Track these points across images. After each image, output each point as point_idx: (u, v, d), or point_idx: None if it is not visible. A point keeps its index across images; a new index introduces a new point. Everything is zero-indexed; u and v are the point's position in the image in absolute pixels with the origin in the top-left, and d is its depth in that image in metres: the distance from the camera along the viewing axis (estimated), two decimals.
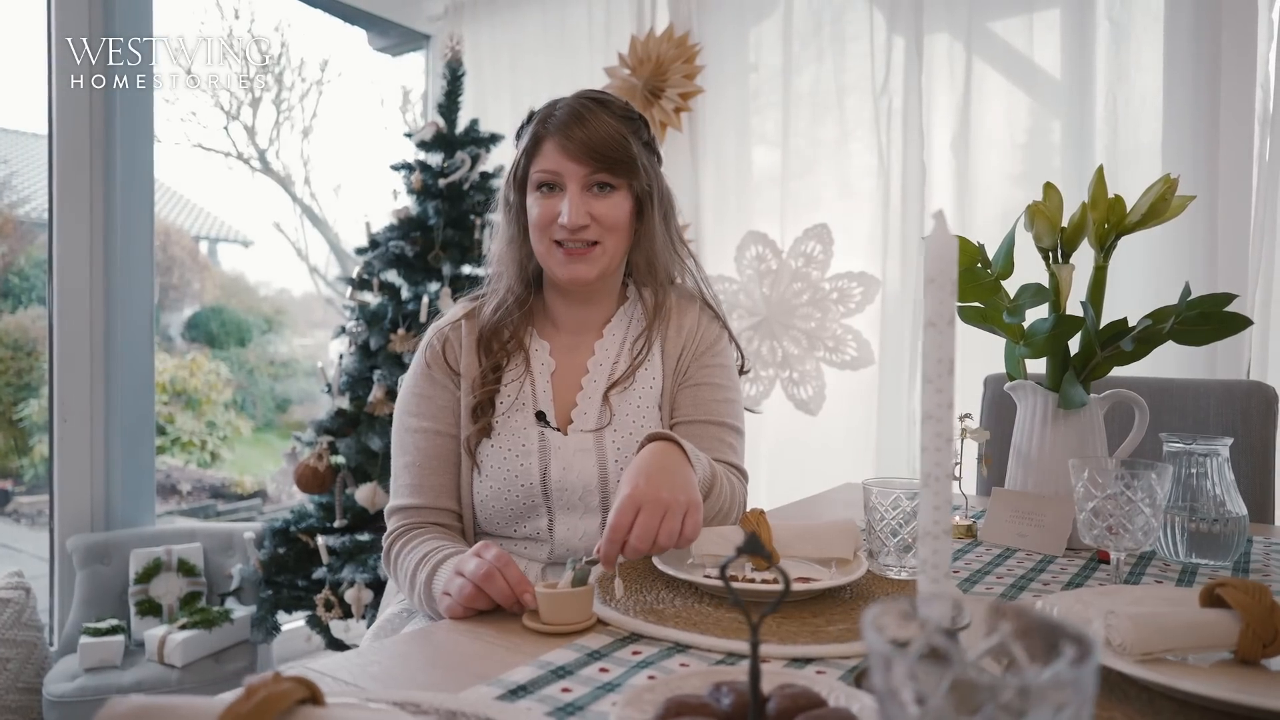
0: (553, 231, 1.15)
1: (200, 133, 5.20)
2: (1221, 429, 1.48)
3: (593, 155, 1.12)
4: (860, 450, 2.47)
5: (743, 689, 0.61)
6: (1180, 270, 2.00)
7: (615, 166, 1.14)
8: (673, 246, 1.26)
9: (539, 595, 0.85)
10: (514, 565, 0.89)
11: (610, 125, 1.14)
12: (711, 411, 1.21)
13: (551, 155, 1.14)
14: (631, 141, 1.16)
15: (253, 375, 6.33)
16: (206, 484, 5.71)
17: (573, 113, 1.14)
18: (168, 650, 2.23)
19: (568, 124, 1.13)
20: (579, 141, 1.12)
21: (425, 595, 1.02)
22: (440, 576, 1.00)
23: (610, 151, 1.13)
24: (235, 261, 7.53)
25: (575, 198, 1.13)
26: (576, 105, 1.15)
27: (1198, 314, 1.06)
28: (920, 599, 0.44)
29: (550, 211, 1.14)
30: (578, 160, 1.13)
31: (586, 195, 1.14)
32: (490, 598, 0.88)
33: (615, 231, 1.17)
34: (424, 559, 1.05)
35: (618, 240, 1.18)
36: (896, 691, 0.40)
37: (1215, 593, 0.74)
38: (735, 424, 1.22)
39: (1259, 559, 1.15)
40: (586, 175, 1.14)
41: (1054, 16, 2.25)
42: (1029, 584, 1.02)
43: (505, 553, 0.90)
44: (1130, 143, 2.10)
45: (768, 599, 0.92)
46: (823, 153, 2.59)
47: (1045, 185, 1.15)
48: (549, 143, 1.14)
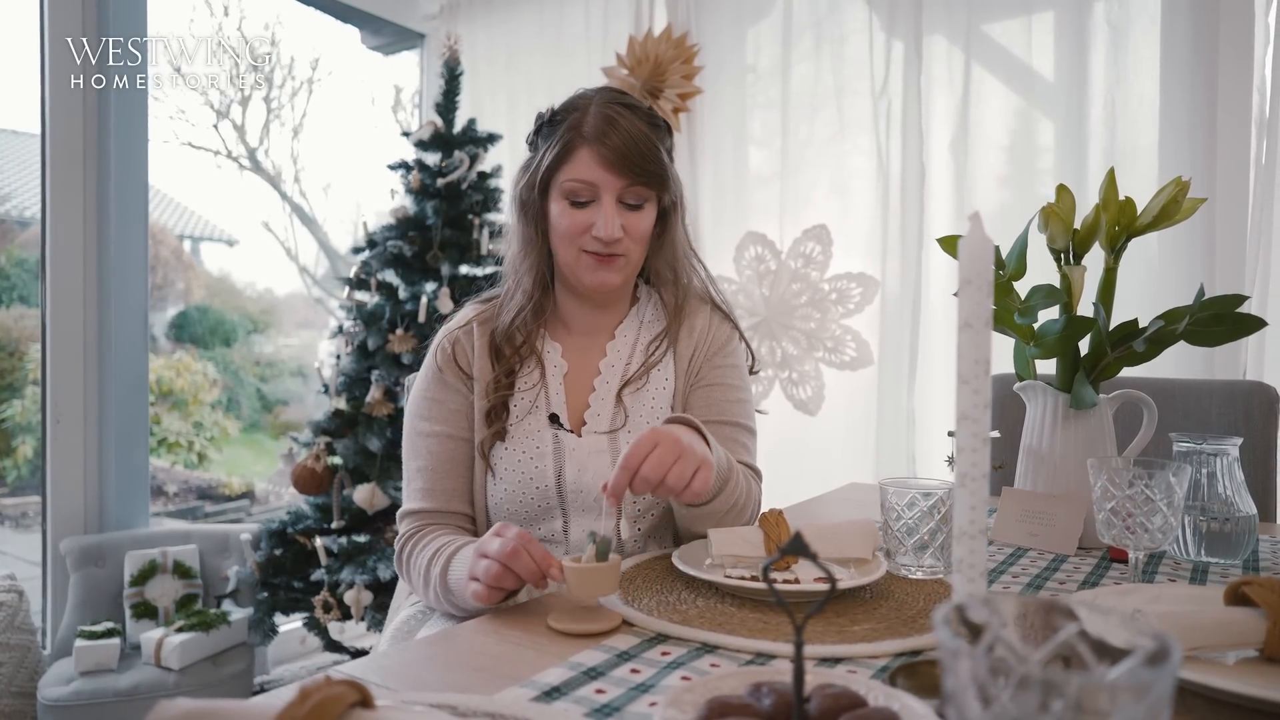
0: (584, 242, 1.14)
1: (189, 131, 5.16)
2: (1224, 429, 1.49)
3: (629, 167, 1.11)
4: (859, 450, 2.48)
5: (783, 689, 0.61)
6: (1178, 272, 2.02)
7: (650, 180, 1.14)
8: (686, 250, 1.26)
9: (566, 570, 0.84)
10: (536, 542, 0.89)
11: (642, 132, 1.13)
12: (724, 412, 1.21)
13: (587, 164, 1.12)
14: (661, 150, 1.15)
15: (238, 375, 6.29)
16: (193, 485, 5.66)
17: (606, 119, 1.12)
18: (165, 653, 2.21)
19: (604, 131, 1.11)
20: (616, 150, 1.10)
21: (441, 589, 1.02)
22: (455, 567, 1.00)
23: (645, 164, 1.12)
24: (220, 260, 7.47)
25: (610, 210, 1.12)
26: (609, 111, 1.13)
27: (1211, 315, 1.07)
28: (986, 598, 0.44)
29: (583, 223, 1.13)
30: (615, 172, 1.11)
31: (619, 208, 1.14)
32: (518, 575, 0.87)
33: (640, 243, 1.17)
34: (436, 554, 1.04)
35: (641, 249, 1.19)
36: (964, 689, 0.40)
37: (1241, 591, 0.75)
38: (747, 424, 1.23)
39: (1267, 557, 1.16)
40: (623, 188, 1.13)
41: (1052, 19, 2.27)
42: (1044, 583, 1.03)
43: (525, 530, 0.90)
44: (1128, 145, 2.12)
45: (791, 599, 0.92)
46: (821, 153, 2.60)
47: (1058, 187, 1.16)
48: (585, 150, 1.12)
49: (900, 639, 0.81)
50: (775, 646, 0.79)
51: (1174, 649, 0.35)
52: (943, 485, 1.04)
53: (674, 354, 1.24)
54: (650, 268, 1.26)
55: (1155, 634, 0.37)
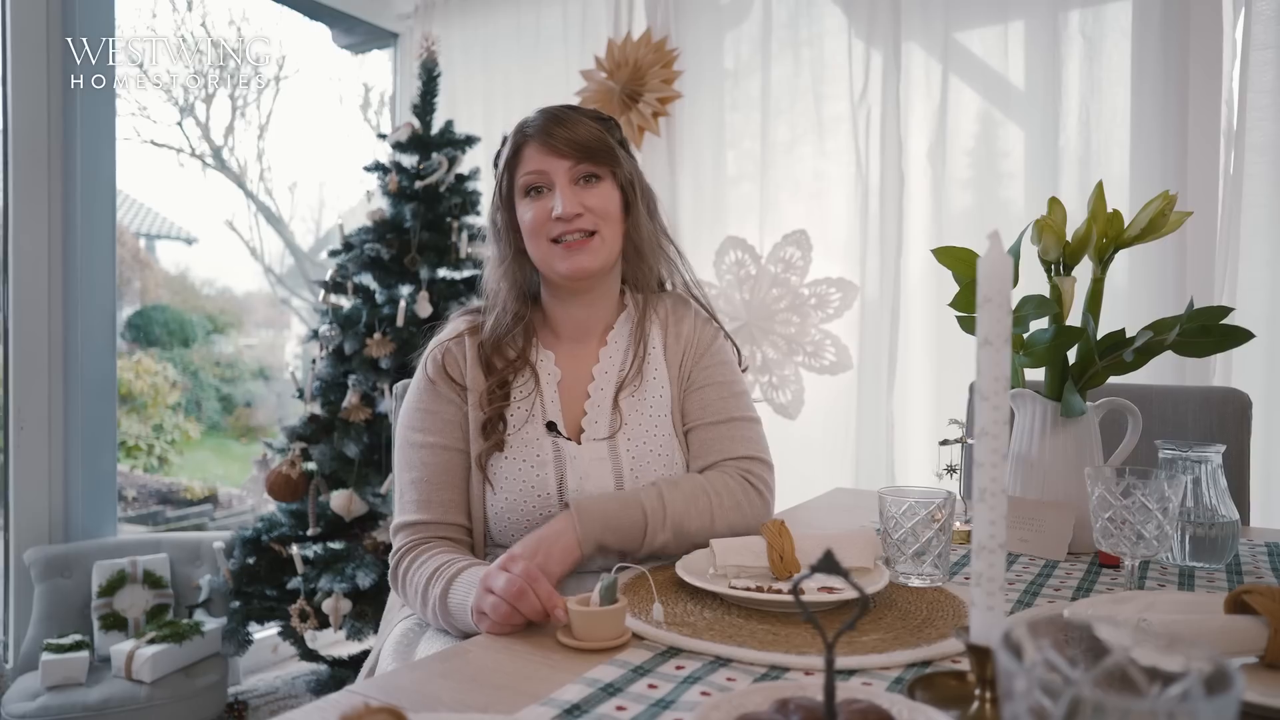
0: (549, 230, 1.17)
1: (151, 128, 5.03)
2: (1200, 434, 1.53)
3: (575, 148, 1.16)
4: (839, 454, 2.51)
5: (808, 705, 0.62)
6: (1149, 281, 2.07)
7: (598, 156, 1.17)
8: (659, 240, 1.28)
9: (572, 613, 0.84)
10: (543, 580, 0.88)
11: (586, 123, 1.18)
12: (719, 411, 1.22)
13: (535, 157, 1.17)
14: (606, 135, 1.20)
15: (198, 377, 6.15)
16: (152, 490, 5.53)
17: (549, 116, 1.18)
18: (136, 665, 2.16)
19: (546, 126, 1.16)
20: (561, 138, 1.15)
21: (440, 610, 1.01)
22: (456, 591, 0.99)
23: (591, 143, 1.17)
24: (177, 259, 7.30)
25: (565, 189, 1.16)
26: (550, 110, 1.19)
27: (1198, 326, 1.10)
28: (1050, 619, 0.45)
29: (543, 210, 1.16)
30: (561, 155, 1.16)
31: (575, 188, 1.17)
32: (524, 615, 0.87)
33: (609, 220, 1.19)
34: (436, 573, 1.04)
35: (613, 230, 1.20)
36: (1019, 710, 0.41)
37: (1242, 599, 0.77)
38: (746, 415, 1.23)
39: (1249, 560, 1.20)
40: (571, 168, 1.17)
41: (1023, 29, 2.31)
42: (1039, 589, 1.05)
43: (533, 567, 0.89)
44: (1101, 155, 2.17)
45: (796, 609, 0.93)
46: (800, 159, 2.62)
47: (1050, 200, 1.18)
48: (530, 146, 1.18)
49: (911, 649, 0.82)
50: (790, 659, 0.79)
51: (1235, 678, 0.36)
52: (940, 493, 1.06)
53: (666, 362, 1.25)
54: (625, 264, 1.28)
55: (1211, 658, 0.38)
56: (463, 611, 0.96)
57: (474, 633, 0.95)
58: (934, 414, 2.39)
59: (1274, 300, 1.96)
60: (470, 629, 0.96)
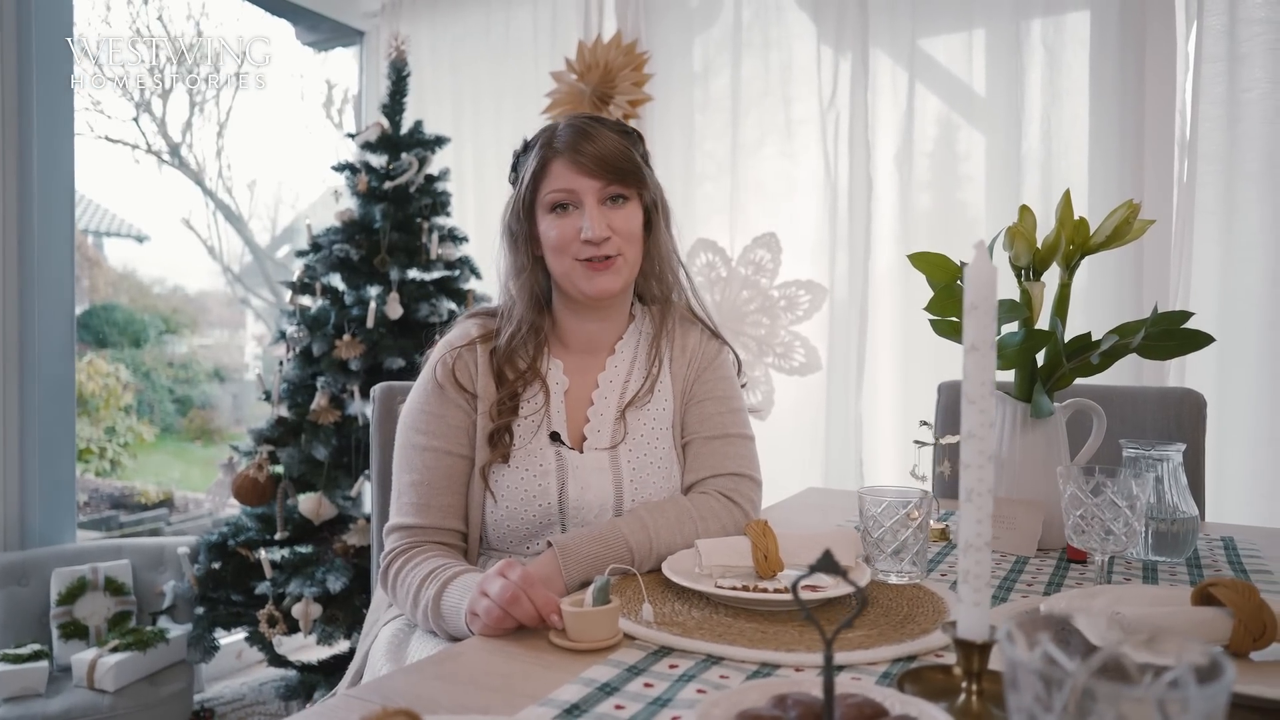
0: (574, 250, 1.16)
1: (105, 124, 4.90)
2: (1158, 433, 1.59)
3: (605, 168, 1.14)
4: (809, 454, 2.55)
5: (805, 700, 0.64)
6: (1106, 284, 2.14)
7: (627, 177, 1.17)
8: (674, 255, 1.29)
9: (566, 615, 0.85)
10: (539, 586, 0.89)
11: (614, 139, 1.17)
12: (715, 426, 1.23)
13: (563, 174, 1.16)
14: (634, 153, 1.19)
15: (150, 378, 6.02)
16: (105, 494, 5.39)
17: (577, 131, 1.16)
18: (98, 675, 2.11)
19: (575, 141, 1.15)
20: (590, 156, 1.14)
21: (432, 613, 1.01)
22: (450, 596, 1.00)
23: (620, 163, 1.16)
24: (126, 257, 7.10)
25: (594, 210, 1.15)
26: (578, 124, 1.18)
27: (1161, 330, 1.14)
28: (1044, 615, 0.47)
29: (570, 230, 1.15)
30: (591, 175, 1.15)
31: (603, 209, 1.16)
32: (515, 619, 0.88)
33: (633, 242, 1.19)
34: (429, 576, 1.04)
35: (635, 251, 1.21)
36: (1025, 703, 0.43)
37: (1208, 592, 0.81)
38: (741, 432, 1.25)
39: (1206, 554, 1.25)
40: (601, 188, 1.16)
41: (984, 36, 2.37)
42: (1013, 585, 1.08)
43: (529, 573, 0.90)
44: (1061, 163, 2.23)
45: (781, 607, 0.95)
46: (769, 162, 2.65)
47: (1021, 208, 1.22)
48: (559, 162, 1.16)
49: (896, 644, 0.84)
50: (781, 656, 0.81)
51: (1226, 668, 0.39)
52: (917, 493, 1.09)
53: (670, 375, 1.26)
54: (641, 278, 1.28)
55: (1205, 651, 0.40)
56: (455, 614, 0.96)
57: (462, 636, 0.95)
58: (902, 414, 2.44)
59: (1225, 304, 2.04)
60: (460, 632, 0.96)
